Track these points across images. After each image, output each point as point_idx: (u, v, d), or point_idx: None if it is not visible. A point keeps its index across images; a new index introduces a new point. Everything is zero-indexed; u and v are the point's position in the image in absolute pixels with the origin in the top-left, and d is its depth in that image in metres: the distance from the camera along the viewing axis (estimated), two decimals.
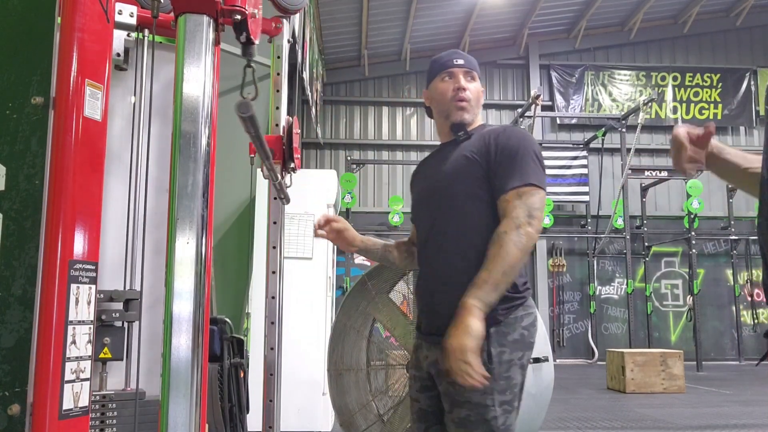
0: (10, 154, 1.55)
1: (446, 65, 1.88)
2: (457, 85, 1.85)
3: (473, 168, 1.75)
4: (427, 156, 2.01)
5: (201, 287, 1.12)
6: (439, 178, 1.82)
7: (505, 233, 1.62)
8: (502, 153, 1.73)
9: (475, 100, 1.87)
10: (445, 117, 1.88)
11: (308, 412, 4.87)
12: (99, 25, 1.67)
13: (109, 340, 1.96)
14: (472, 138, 1.83)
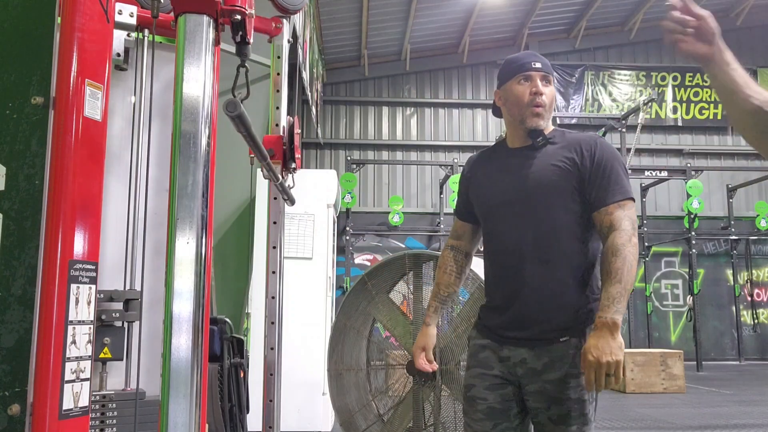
0: (10, 154, 1.55)
1: (524, 67, 1.88)
2: (535, 89, 1.86)
3: (568, 178, 1.83)
4: (486, 157, 2.04)
5: (201, 287, 1.12)
6: (529, 186, 1.85)
7: (623, 246, 1.73)
8: (599, 166, 1.82)
9: (550, 105, 1.89)
10: (519, 121, 1.90)
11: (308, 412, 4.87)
12: (99, 25, 1.67)
13: (109, 340, 1.96)
14: (557, 145, 1.88)
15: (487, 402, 1.86)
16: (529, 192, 1.85)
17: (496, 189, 1.93)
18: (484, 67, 13.89)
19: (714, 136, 13.99)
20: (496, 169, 1.95)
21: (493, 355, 1.88)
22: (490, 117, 13.77)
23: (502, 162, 1.95)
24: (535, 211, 1.84)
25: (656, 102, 13.00)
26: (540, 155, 1.87)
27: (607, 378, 1.66)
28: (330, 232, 5.36)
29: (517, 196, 1.87)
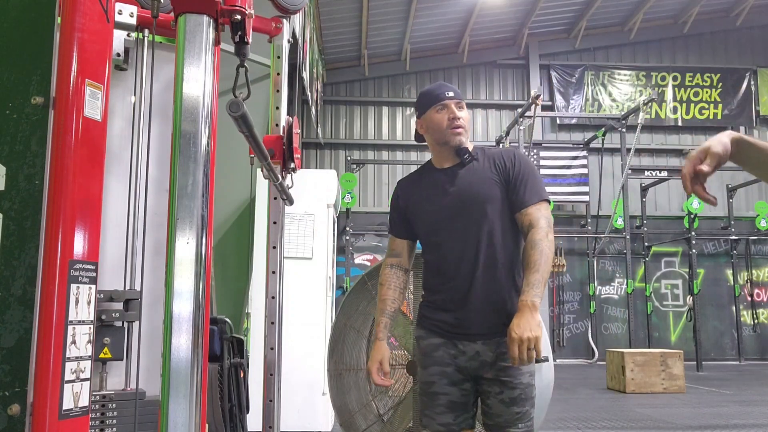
0: (10, 154, 1.55)
1: (439, 98, 2.14)
2: (452, 114, 2.11)
3: (498, 190, 2.09)
4: (416, 179, 2.24)
5: (201, 287, 1.12)
6: (466, 199, 2.09)
7: (541, 240, 1.98)
8: (519, 174, 2.09)
9: (467, 125, 2.15)
10: (443, 143, 2.14)
11: (308, 412, 4.87)
12: (99, 25, 1.67)
13: (109, 340, 1.96)
14: (480, 160, 2.13)
15: (449, 396, 2.07)
16: (468, 204, 2.08)
17: (436, 205, 2.13)
18: (484, 67, 13.89)
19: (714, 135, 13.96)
20: (431, 188, 2.16)
21: (448, 352, 2.09)
22: (490, 117, 13.77)
23: (434, 181, 2.17)
24: (474, 221, 2.07)
25: (656, 102, 12.99)
26: (470, 171, 2.12)
27: (529, 352, 1.87)
28: (330, 232, 5.36)
29: (457, 209, 2.09)
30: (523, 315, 1.90)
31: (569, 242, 13.02)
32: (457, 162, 2.14)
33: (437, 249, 2.14)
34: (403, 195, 2.25)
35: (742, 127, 14.01)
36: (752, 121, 13.96)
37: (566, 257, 12.92)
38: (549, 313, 12.53)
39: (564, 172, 12.84)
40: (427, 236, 2.18)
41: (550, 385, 3.24)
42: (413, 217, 2.20)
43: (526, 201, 2.06)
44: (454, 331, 2.09)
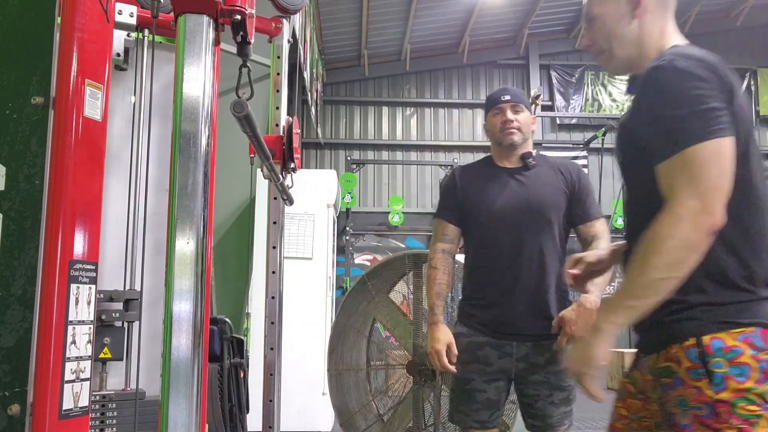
0: (10, 154, 1.55)
1: (495, 102, 2.32)
2: (504, 118, 2.26)
3: (563, 199, 2.22)
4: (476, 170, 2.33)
5: (201, 287, 1.12)
6: (531, 201, 2.18)
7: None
8: (584, 188, 2.26)
9: (524, 127, 2.26)
10: (498, 143, 2.29)
11: (308, 412, 4.87)
12: (99, 25, 1.67)
13: (109, 340, 1.96)
14: (544, 167, 2.26)
15: (486, 394, 2.14)
16: (534, 207, 2.17)
17: (501, 202, 2.19)
18: (484, 67, 13.88)
19: None
20: (495, 183, 2.24)
21: (492, 352, 2.14)
22: None
23: (498, 178, 2.25)
24: (538, 224, 2.16)
25: None
26: (537, 176, 2.24)
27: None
28: (330, 232, 5.36)
29: (522, 210, 2.16)
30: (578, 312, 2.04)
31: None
32: (520, 164, 2.27)
33: (493, 244, 2.18)
34: (462, 182, 2.30)
35: None
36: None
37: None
38: None
39: None
40: (484, 229, 2.22)
41: None
42: (472, 207, 2.24)
43: (591, 214, 2.24)
44: (503, 330, 2.15)
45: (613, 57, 1.44)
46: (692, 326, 1.20)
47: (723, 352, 1.17)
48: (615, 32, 1.42)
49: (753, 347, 1.17)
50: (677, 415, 1.19)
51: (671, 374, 1.21)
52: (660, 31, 1.46)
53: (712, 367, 1.17)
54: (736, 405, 1.15)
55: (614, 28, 1.42)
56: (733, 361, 1.17)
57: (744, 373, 1.16)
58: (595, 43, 1.46)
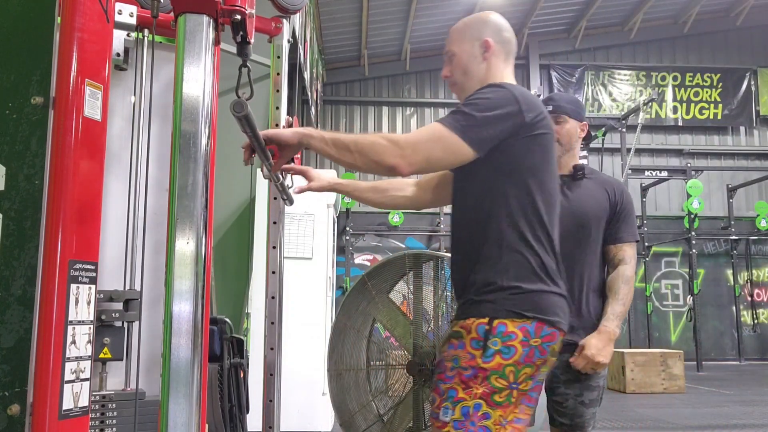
0: (10, 154, 1.55)
1: None
2: None
3: (606, 216, 2.25)
4: None
5: (201, 287, 1.12)
6: (578, 212, 2.21)
7: (631, 278, 2.20)
8: (624, 208, 2.27)
9: (566, 137, 2.26)
10: None
11: (308, 412, 4.87)
12: (99, 25, 1.67)
13: (109, 340, 1.96)
14: (591, 180, 2.29)
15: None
16: (579, 217, 2.20)
17: None
18: None
19: (714, 136, 13.99)
20: None
21: None
22: None
23: None
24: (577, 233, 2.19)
25: (656, 102, 12.99)
26: (584, 187, 2.26)
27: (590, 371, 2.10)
28: (330, 232, 5.36)
29: (568, 217, 2.13)
30: (602, 339, 2.09)
31: None
32: (568, 173, 2.28)
33: None
34: None
35: (742, 127, 14.02)
36: (752, 121, 13.96)
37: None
38: None
39: None
40: None
41: None
42: None
43: (624, 237, 2.26)
44: None
45: (464, 90, 1.73)
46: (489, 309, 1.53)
47: (502, 335, 1.51)
48: (468, 68, 1.73)
49: (526, 335, 1.51)
50: (448, 367, 1.54)
51: (459, 337, 1.54)
52: (501, 74, 1.73)
53: (490, 344, 1.50)
54: (492, 375, 1.49)
55: (468, 65, 1.73)
56: (506, 343, 1.50)
57: (510, 353, 1.50)
58: (453, 75, 1.76)
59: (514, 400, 1.51)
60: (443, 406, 1.52)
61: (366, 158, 1.51)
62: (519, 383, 1.51)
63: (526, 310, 1.52)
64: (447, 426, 1.51)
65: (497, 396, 1.49)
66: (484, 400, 1.49)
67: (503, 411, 1.50)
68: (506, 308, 1.52)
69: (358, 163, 1.53)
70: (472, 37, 1.72)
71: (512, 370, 1.50)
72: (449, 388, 1.52)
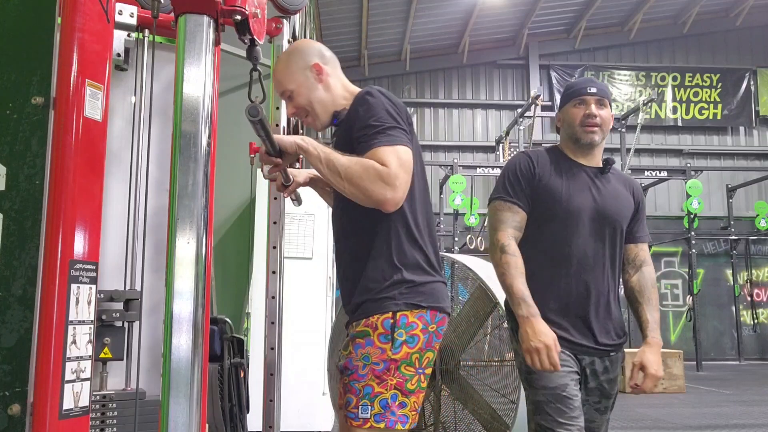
0: (11, 154, 1.55)
1: (580, 92, 2.09)
2: (588, 111, 2.06)
3: (629, 214, 2.13)
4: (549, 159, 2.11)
5: (201, 287, 1.12)
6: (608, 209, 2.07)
7: (655, 280, 2.15)
8: (642, 208, 2.18)
9: (605, 125, 2.09)
10: (575, 139, 2.10)
11: (308, 412, 4.87)
12: (99, 25, 1.67)
13: (109, 340, 1.96)
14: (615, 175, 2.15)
15: (578, 398, 1.97)
16: (608, 215, 2.05)
17: (578, 201, 2.04)
18: (484, 67, 13.88)
19: (714, 136, 13.99)
20: (573, 180, 2.07)
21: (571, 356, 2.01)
22: (490, 117, 13.76)
23: (576, 175, 2.09)
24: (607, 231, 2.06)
25: (656, 102, 12.99)
26: (612, 184, 2.12)
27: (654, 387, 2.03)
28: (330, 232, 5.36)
29: (597, 214, 2.04)
30: (656, 352, 2.04)
31: None
32: (597, 166, 2.12)
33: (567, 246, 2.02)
34: (541, 169, 2.07)
35: (742, 127, 14.02)
36: (752, 121, 13.96)
37: None
38: None
39: None
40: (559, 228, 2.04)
41: None
42: (549, 200, 2.04)
43: (643, 236, 2.17)
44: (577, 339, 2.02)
45: (318, 116, 1.80)
46: (391, 305, 1.61)
47: (405, 326, 1.60)
48: (312, 97, 1.78)
49: (424, 323, 1.62)
50: (359, 366, 1.60)
51: (366, 336, 1.61)
52: (341, 84, 1.81)
53: (396, 335, 1.60)
54: (402, 365, 1.59)
55: (310, 95, 1.78)
56: (410, 333, 1.61)
57: (414, 342, 1.61)
58: (300, 109, 1.81)
59: (422, 386, 1.64)
60: (361, 405, 1.59)
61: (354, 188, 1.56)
62: (424, 368, 1.63)
63: (421, 301, 1.63)
64: (368, 422, 1.59)
65: (409, 384, 1.60)
66: (398, 390, 1.59)
67: (416, 397, 1.62)
68: (405, 302, 1.62)
69: (347, 191, 1.58)
70: (300, 68, 1.76)
71: (417, 357, 1.61)
72: (365, 385, 1.59)
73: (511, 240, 2.00)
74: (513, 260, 1.97)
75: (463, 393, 3.14)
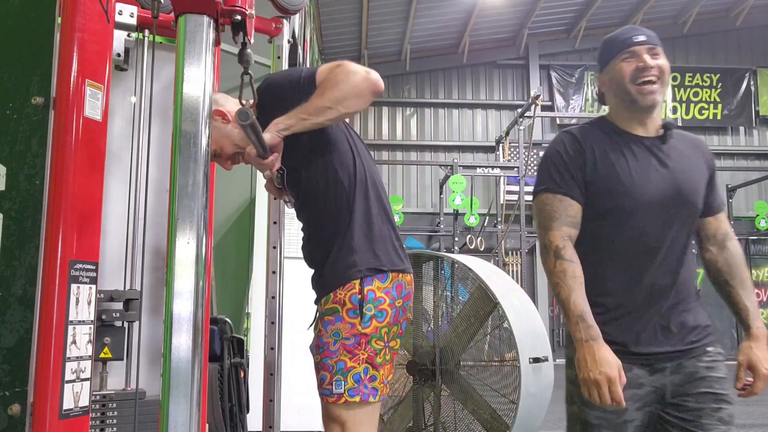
0: (11, 154, 1.55)
1: (626, 43, 1.71)
2: (642, 64, 1.68)
3: (704, 185, 1.75)
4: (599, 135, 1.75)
5: (201, 287, 1.12)
6: (683, 185, 1.69)
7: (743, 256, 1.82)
8: (714, 173, 1.80)
9: (662, 78, 1.70)
10: (629, 102, 1.71)
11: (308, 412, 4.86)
12: (99, 25, 1.67)
13: (109, 339, 1.96)
14: (680, 141, 1.76)
15: (635, 423, 1.66)
16: (682, 192, 1.69)
17: (642, 181, 1.68)
18: (484, 67, 13.88)
19: (714, 136, 13.99)
20: (632, 157, 1.70)
21: (642, 370, 1.66)
22: (490, 117, 13.76)
23: (633, 150, 1.71)
24: (683, 213, 1.70)
25: None
26: (679, 152, 1.73)
27: None
28: None
29: (667, 194, 1.67)
30: (764, 348, 1.66)
31: None
32: (656, 133, 1.73)
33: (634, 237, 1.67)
34: (588, 147, 1.72)
35: (742, 127, 14.03)
36: (752, 121, 13.96)
37: None
38: (549, 313, 12.53)
39: None
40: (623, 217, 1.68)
41: (550, 385, 3.24)
42: (606, 184, 1.68)
43: (720, 205, 1.80)
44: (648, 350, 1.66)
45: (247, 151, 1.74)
46: (354, 272, 1.66)
47: (373, 300, 1.64)
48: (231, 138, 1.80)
49: (391, 298, 1.67)
50: (330, 343, 1.67)
51: (335, 312, 1.67)
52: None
53: (365, 310, 1.63)
54: (372, 339, 1.63)
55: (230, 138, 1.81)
56: (378, 308, 1.64)
57: (383, 316, 1.65)
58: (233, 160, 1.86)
59: (389, 359, 1.67)
60: (335, 380, 1.65)
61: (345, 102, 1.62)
62: (390, 342, 1.67)
63: (381, 265, 1.67)
64: (342, 397, 1.63)
65: (378, 357, 1.64)
66: (369, 364, 1.63)
67: (384, 370, 1.66)
68: (367, 267, 1.65)
69: (341, 112, 1.63)
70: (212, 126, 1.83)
71: (386, 331, 1.65)
72: (337, 361, 1.65)
73: (566, 241, 1.66)
74: (570, 268, 1.63)
75: (463, 393, 3.14)
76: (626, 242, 1.68)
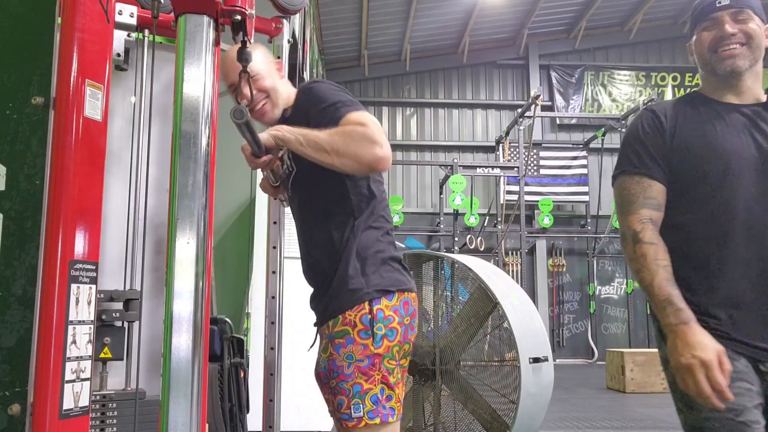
0: (11, 154, 1.55)
1: (707, 10, 1.61)
2: (720, 33, 1.58)
3: None
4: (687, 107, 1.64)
5: (201, 287, 1.12)
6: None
7: None
8: None
9: (750, 42, 1.57)
10: (711, 72, 1.62)
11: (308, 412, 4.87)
12: (99, 25, 1.67)
13: (109, 339, 1.96)
14: None
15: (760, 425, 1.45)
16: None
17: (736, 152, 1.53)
18: (484, 67, 13.88)
19: None
20: (723, 126, 1.57)
21: (750, 366, 1.49)
22: (490, 117, 13.76)
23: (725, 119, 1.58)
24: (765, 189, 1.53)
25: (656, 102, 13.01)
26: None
27: None
28: None
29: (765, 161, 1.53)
30: None
31: (569, 242, 13.02)
32: (755, 101, 1.60)
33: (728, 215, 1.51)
34: (671, 122, 1.60)
35: None
36: None
37: (566, 257, 12.93)
38: (549, 313, 12.54)
39: (564, 172, 12.85)
40: (714, 193, 1.53)
41: (550, 385, 3.24)
42: (693, 158, 1.55)
43: None
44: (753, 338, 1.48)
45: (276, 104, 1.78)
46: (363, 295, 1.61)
47: (383, 320, 1.61)
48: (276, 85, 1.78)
49: (400, 316, 1.64)
50: (344, 366, 1.61)
51: (345, 335, 1.62)
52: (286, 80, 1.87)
53: (376, 330, 1.60)
54: (385, 359, 1.60)
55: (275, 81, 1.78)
56: (388, 326, 1.61)
57: (393, 335, 1.62)
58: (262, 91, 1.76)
59: (400, 377, 1.66)
60: (353, 404, 1.60)
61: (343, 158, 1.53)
62: (400, 360, 1.65)
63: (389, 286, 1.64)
64: (363, 420, 1.59)
65: (392, 377, 1.62)
66: (385, 384, 1.60)
67: (398, 389, 1.64)
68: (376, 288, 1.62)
69: (336, 164, 1.54)
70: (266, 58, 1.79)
71: (397, 350, 1.63)
72: (353, 384, 1.60)
73: (645, 224, 1.53)
74: (651, 250, 1.50)
75: (463, 393, 3.14)
76: (715, 214, 1.53)
